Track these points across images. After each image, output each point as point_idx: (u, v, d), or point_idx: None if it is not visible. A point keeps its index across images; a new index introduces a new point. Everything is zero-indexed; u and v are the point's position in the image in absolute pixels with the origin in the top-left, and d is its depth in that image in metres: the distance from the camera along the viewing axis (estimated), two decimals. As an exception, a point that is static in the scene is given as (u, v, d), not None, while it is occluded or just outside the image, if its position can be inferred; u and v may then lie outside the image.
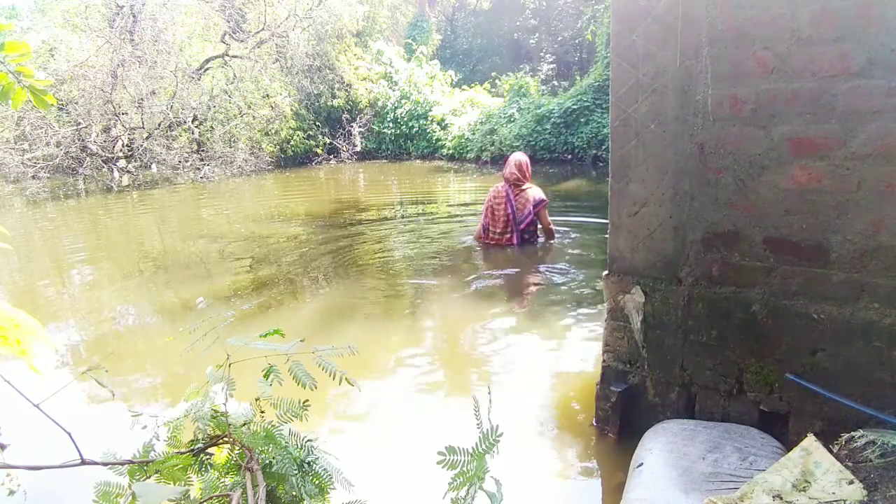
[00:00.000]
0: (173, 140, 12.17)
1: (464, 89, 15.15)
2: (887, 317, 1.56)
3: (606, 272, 2.13)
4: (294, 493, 0.98)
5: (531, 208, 4.85)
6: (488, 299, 3.90)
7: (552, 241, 5.06)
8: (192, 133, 12.19)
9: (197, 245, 6.02)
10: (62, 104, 11.29)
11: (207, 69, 12.75)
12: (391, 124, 14.31)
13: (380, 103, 14.44)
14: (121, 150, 11.91)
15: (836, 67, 1.53)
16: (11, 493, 0.90)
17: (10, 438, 1.00)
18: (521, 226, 4.90)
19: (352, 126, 14.33)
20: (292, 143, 13.58)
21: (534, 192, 4.87)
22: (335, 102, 14.24)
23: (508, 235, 4.95)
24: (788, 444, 1.69)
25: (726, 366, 1.89)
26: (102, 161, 11.67)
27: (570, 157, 11.51)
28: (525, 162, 4.93)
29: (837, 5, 1.50)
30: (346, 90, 14.38)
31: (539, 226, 5.03)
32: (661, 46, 1.82)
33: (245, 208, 8.65)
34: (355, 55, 14.78)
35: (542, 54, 17.65)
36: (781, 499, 1.29)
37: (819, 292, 1.67)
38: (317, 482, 1.04)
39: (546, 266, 4.59)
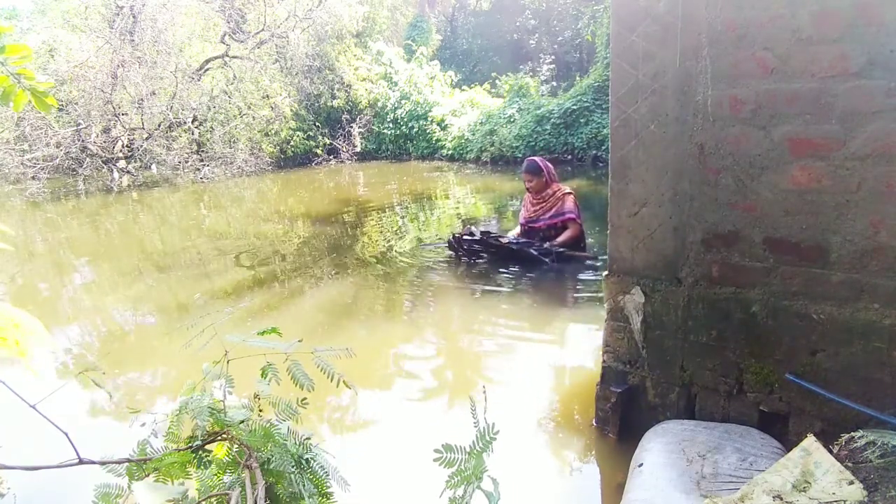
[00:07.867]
0: (173, 140, 12.14)
1: (464, 90, 15.13)
2: (887, 317, 1.56)
3: (606, 272, 2.13)
4: (292, 490, 0.98)
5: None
6: (488, 299, 3.89)
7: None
8: (192, 133, 12.17)
9: (197, 245, 6.01)
10: (62, 105, 11.26)
11: (207, 70, 12.73)
12: (391, 125, 14.29)
13: (380, 104, 14.42)
14: (121, 151, 11.90)
15: (836, 68, 1.52)
16: (1, 495, 0.89)
17: (6, 439, 1.00)
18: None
19: (352, 127, 14.31)
20: (292, 143, 13.57)
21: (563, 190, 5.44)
22: (335, 103, 14.23)
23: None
24: (788, 444, 1.68)
25: (726, 366, 1.88)
26: (102, 161, 11.66)
27: (570, 157, 11.51)
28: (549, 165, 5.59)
29: (837, 5, 1.50)
30: (346, 91, 14.36)
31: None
32: (661, 46, 1.82)
33: (245, 209, 8.64)
34: (355, 56, 14.76)
35: (541, 55, 17.67)
36: (781, 499, 1.29)
37: (819, 292, 1.66)
38: (314, 480, 1.04)
39: (546, 266, 4.58)
